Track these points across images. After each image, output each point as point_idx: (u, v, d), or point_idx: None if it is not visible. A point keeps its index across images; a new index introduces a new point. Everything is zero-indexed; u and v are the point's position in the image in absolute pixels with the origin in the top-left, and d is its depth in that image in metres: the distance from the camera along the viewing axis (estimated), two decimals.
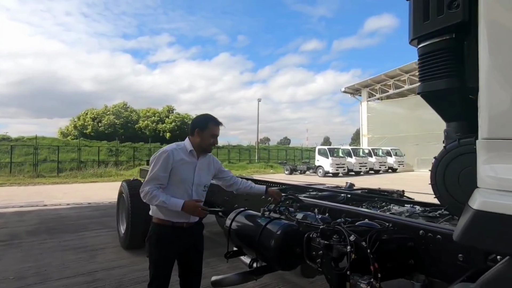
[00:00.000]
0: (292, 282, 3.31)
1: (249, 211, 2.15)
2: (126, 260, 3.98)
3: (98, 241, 4.92)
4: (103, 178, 19.65)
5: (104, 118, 35.43)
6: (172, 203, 1.86)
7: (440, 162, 1.11)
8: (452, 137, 1.14)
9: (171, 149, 1.97)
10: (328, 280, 1.54)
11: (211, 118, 2.07)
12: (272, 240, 1.72)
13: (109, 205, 8.84)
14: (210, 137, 2.02)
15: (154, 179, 1.90)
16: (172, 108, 41.01)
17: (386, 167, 24.04)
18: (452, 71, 1.04)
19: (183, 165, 1.96)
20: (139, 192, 1.94)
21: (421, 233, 1.57)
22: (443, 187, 1.10)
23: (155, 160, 1.94)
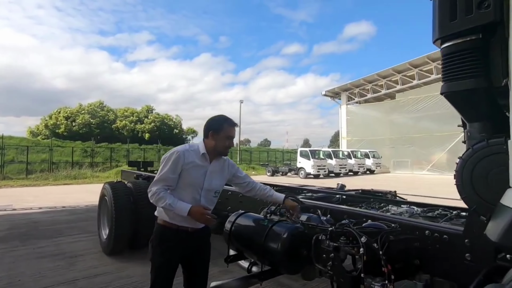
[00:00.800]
0: (285, 285, 3.27)
1: (250, 214, 2.09)
2: (110, 267, 3.76)
3: (76, 247, 4.63)
4: (77, 180, 18.72)
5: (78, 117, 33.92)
6: (179, 207, 1.78)
7: (467, 162, 1.11)
8: (476, 137, 1.15)
9: (183, 150, 1.88)
10: (339, 283, 1.51)
11: (226, 119, 1.96)
12: (279, 243, 1.67)
13: (86, 208, 8.42)
14: (225, 139, 1.92)
15: (163, 180, 1.83)
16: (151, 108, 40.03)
17: (364, 169, 24.74)
18: (479, 71, 1.05)
19: (193, 168, 1.87)
20: (148, 190, 1.87)
21: (427, 233, 1.58)
22: (470, 187, 1.10)
23: (165, 160, 1.86)
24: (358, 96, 30.45)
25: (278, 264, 1.74)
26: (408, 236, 1.59)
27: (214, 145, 1.90)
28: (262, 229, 1.81)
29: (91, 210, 7.83)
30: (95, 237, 4.95)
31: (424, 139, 25.49)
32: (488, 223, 0.96)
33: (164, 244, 1.86)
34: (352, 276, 1.39)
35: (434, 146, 24.68)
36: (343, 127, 31.56)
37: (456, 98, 1.18)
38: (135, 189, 4.34)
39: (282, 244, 1.66)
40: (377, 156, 26.20)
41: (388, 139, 28.74)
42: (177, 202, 1.79)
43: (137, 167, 6.71)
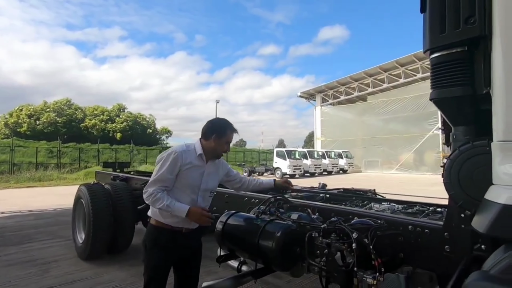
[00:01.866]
0: (270, 283, 3.33)
1: (241, 213, 2.12)
2: (88, 272, 3.61)
3: (48, 253, 4.38)
4: (42, 182, 17.59)
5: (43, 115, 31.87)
6: (177, 208, 1.77)
7: (455, 162, 1.22)
8: (461, 139, 1.27)
9: (181, 150, 1.87)
10: (332, 277, 1.58)
11: (229, 125, 2.00)
12: (273, 241, 1.72)
13: (55, 212, 7.97)
14: (225, 144, 1.96)
15: (160, 181, 1.81)
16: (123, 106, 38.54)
17: (337, 169, 25.55)
18: (464, 80, 1.17)
19: (191, 169, 1.87)
20: (144, 191, 1.84)
21: (410, 228, 1.70)
22: (457, 185, 1.21)
23: (163, 161, 1.84)
24: (332, 98, 31.40)
25: (272, 262, 1.79)
26: (393, 231, 1.70)
27: (213, 147, 1.92)
28: (255, 228, 1.85)
29: (61, 214, 7.42)
30: (68, 242, 4.72)
31: (393, 140, 26.82)
32: (474, 217, 1.07)
33: (158, 245, 1.84)
34: (345, 270, 1.47)
35: (402, 146, 26.05)
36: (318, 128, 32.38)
37: (444, 104, 1.30)
38: (114, 191, 4.20)
39: (276, 243, 1.71)
40: (349, 156, 27.17)
41: (360, 140, 29.92)
42: (175, 203, 1.77)
43: (113, 168, 6.46)
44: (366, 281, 1.41)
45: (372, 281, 1.39)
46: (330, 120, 31.73)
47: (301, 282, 3.34)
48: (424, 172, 23.38)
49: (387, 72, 26.56)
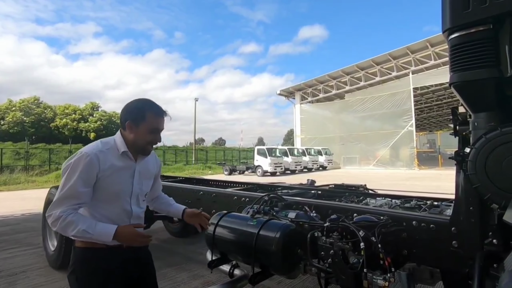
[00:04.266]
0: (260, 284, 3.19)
1: (234, 213, 1.96)
2: (60, 283, 3.30)
3: (15, 263, 3.99)
4: (8, 186, 16.42)
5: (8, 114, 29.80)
6: (99, 232, 1.30)
7: (481, 151, 1.14)
8: (483, 127, 1.19)
9: (95, 151, 1.37)
10: (339, 279, 1.47)
11: (151, 105, 1.45)
12: (272, 243, 1.58)
13: (22, 218, 7.38)
14: (148, 132, 1.42)
15: (69, 198, 1.31)
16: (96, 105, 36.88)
17: (317, 165, 25.90)
18: (489, 61, 1.09)
19: (116, 173, 1.40)
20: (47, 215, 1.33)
21: (414, 223, 1.63)
22: (484, 176, 1.13)
23: (70, 169, 1.34)
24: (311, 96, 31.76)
25: (272, 266, 1.65)
26: (397, 227, 1.62)
27: (132, 140, 1.43)
28: (251, 229, 1.70)
29: (29, 220, 6.89)
30: (37, 250, 4.34)
31: (370, 137, 27.59)
32: (507, 210, 0.99)
33: (93, 272, 1.37)
34: (354, 272, 1.36)
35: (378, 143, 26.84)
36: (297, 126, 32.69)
37: (466, 88, 1.22)
38: None
39: (275, 245, 1.58)
40: (329, 153, 27.65)
41: (338, 137, 30.53)
42: (96, 225, 1.31)
43: None
44: (376, 282, 1.31)
45: (384, 283, 1.29)
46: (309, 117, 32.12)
47: (291, 282, 3.24)
48: (400, 168, 24.25)
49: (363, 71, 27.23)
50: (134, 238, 1.36)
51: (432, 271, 1.81)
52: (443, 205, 2.10)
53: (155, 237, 5.35)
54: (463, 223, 1.43)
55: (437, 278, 1.83)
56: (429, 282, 1.87)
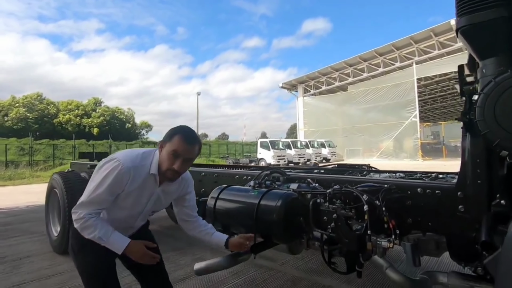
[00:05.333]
0: (263, 266, 3.19)
1: (234, 186, 1.94)
2: (64, 266, 3.32)
3: (19, 249, 4.02)
4: (13, 181, 16.56)
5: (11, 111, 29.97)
6: (112, 242, 1.35)
7: (489, 96, 1.09)
8: (491, 73, 1.14)
9: (132, 165, 1.36)
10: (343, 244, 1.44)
11: (183, 130, 1.43)
12: (273, 212, 1.55)
13: (26, 209, 7.44)
14: (169, 154, 1.38)
15: (96, 203, 1.35)
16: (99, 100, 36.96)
17: (321, 158, 25.84)
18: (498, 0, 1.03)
19: (135, 193, 1.41)
20: (73, 211, 1.38)
21: (419, 190, 1.59)
22: (493, 121, 1.09)
23: (103, 176, 1.34)
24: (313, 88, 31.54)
25: (273, 234, 1.62)
26: (401, 194, 1.58)
27: (160, 161, 1.42)
28: (252, 199, 1.67)
29: (34, 211, 6.94)
30: (42, 238, 4.37)
31: (373, 128, 27.42)
32: None
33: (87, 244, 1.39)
34: (358, 234, 1.33)
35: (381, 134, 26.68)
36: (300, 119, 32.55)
37: (474, 31, 1.16)
38: None
39: (277, 213, 1.55)
40: (332, 146, 27.55)
41: (341, 129, 30.38)
42: (111, 235, 1.35)
43: (90, 158, 6.07)
44: (381, 244, 1.28)
45: (388, 244, 1.26)
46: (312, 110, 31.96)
47: (295, 263, 3.23)
48: (404, 159, 24.12)
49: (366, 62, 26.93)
50: (142, 256, 1.40)
51: (438, 241, 1.78)
52: (449, 177, 2.06)
53: (158, 224, 5.36)
54: (469, 187, 1.39)
55: (442, 248, 1.80)
56: (435, 253, 1.83)
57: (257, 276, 2.93)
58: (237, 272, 3.02)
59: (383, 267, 1.74)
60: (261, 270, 3.09)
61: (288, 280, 2.83)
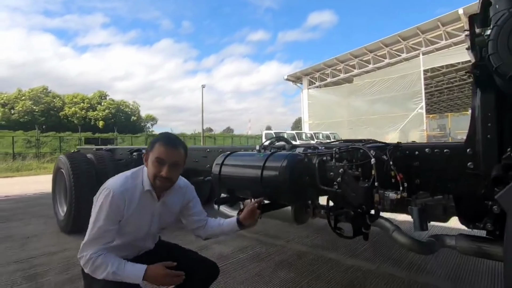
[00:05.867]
0: (269, 243, 3.20)
1: (239, 152, 1.93)
2: (71, 244, 3.36)
3: (28, 229, 4.08)
4: (21, 172, 16.85)
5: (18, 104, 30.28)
6: (128, 274, 1.26)
7: (503, 27, 1.06)
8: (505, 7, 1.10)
9: (121, 189, 1.32)
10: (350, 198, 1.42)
11: (163, 136, 1.41)
12: (279, 171, 1.54)
13: (35, 196, 7.56)
14: (153, 162, 1.33)
15: (99, 238, 1.28)
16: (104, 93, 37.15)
17: None
18: None
19: (136, 214, 1.36)
20: (79, 257, 1.31)
21: (427, 151, 1.57)
22: (507, 53, 1.05)
23: (98, 209, 1.31)
24: (318, 81, 31.29)
25: (280, 195, 1.61)
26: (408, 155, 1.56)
27: (148, 173, 1.38)
28: (257, 161, 1.66)
29: (42, 198, 7.03)
30: (49, 220, 4.43)
31: (379, 120, 27.17)
32: None
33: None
34: (365, 187, 1.31)
35: (387, 126, 26.44)
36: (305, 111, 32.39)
37: None
38: (97, 160, 3.92)
39: (282, 173, 1.53)
40: (337, 138, 27.43)
41: (346, 121, 30.17)
42: (125, 266, 1.27)
43: (95, 144, 6.11)
44: (388, 196, 1.26)
45: (396, 196, 1.24)
46: (317, 102, 31.74)
47: (301, 240, 3.23)
48: None
49: (372, 53, 26.57)
50: (164, 278, 1.29)
51: (445, 205, 1.75)
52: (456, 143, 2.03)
53: None
54: (479, 143, 1.37)
55: (450, 212, 1.78)
56: (442, 218, 1.81)
57: (262, 251, 2.94)
58: (242, 249, 3.04)
59: (389, 230, 1.73)
60: (266, 246, 3.10)
61: (293, 254, 2.84)
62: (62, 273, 2.56)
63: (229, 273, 2.43)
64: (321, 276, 2.33)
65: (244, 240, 3.29)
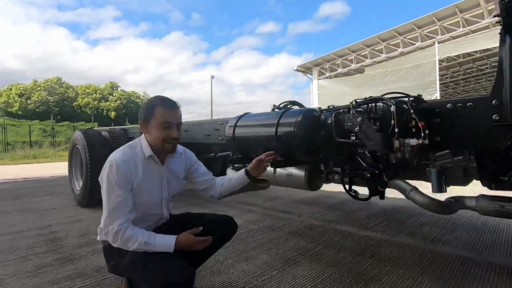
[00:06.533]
0: (280, 217, 3.21)
1: (252, 113, 1.92)
2: (88, 215, 3.47)
3: (46, 204, 4.22)
4: (37, 159, 17.36)
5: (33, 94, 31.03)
6: (159, 244, 1.26)
7: None
8: None
9: (124, 158, 1.33)
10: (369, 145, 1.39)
11: (160, 100, 1.39)
12: (295, 127, 1.53)
13: (52, 179, 7.78)
14: (159, 128, 1.34)
15: (118, 208, 1.27)
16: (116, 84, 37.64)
17: None
18: None
19: (144, 181, 1.36)
20: (104, 233, 1.30)
21: (449, 106, 1.52)
22: None
23: (106, 182, 1.30)
24: (329, 71, 30.81)
25: (295, 151, 1.60)
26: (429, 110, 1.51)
27: (150, 140, 1.38)
28: (271, 119, 1.66)
29: (59, 180, 7.25)
30: (67, 197, 4.56)
31: None
32: None
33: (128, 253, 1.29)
34: (384, 134, 1.29)
35: None
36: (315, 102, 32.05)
37: None
38: (112, 137, 4.00)
39: (298, 127, 1.52)
40: None
41: None
42: (155, 237, 1.27)
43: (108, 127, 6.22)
44: (409, 143, 1.23)
45: (417, 141, 1.21)
46: (327, 93, 31.28)
47: (313, 215, 3.23)
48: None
49: (385, 42, 25.90)
50: (194, 244, 1.31)
51: (466, 166, 1.71)
52: None
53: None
54: (506, 92, 1.32)
55: (471, 175, 1.73)
56: (462, 181, 1.77)
57: (273, 224, 2.96)
58: (252, 221, 3.06)
59: (406, 191, 1.70)
60: (277, 220, 3.12)
61: (304, 226, 2.84)
62: (80, 238, 2.64)
63: (241, 240, 2.46)
64: (333, 244, 2.33)
65: (255, 215, 3.31)
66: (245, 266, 1.96)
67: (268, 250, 2.23)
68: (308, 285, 1.71)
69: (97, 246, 2.26)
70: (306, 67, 32.05)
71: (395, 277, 1.79)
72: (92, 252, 2.28)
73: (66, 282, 1.80)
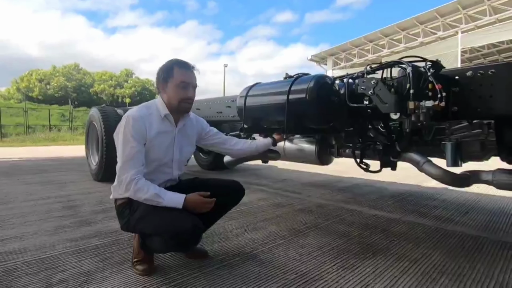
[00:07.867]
0: (289, 196, 3.22)
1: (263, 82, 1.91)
2: (104, 187, 3.59)
3: (65, 178, 4.39)
4: (56, 142, 17.98)
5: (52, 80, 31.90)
6: (169, 199, 1.30)
7: None
8: None
9: (140, 114, 1.37)
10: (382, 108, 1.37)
11: (177, 61, 1.44)
12: (307, 93, 1.52)
13: (70, 158, 8.04)
14: (177, 88, 1.40)
15: (133, 159, 1.31)
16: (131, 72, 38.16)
17: None
18: None
19: (158, 139, 1.41)
20: (117, 184, 1.36)
21: (469, 74, 1.46)
22: None
23: (122, 135, 1.34)
24: (344, 61, 30.11)
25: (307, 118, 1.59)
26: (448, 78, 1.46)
27: (168, 100, 1.44)
28: (283, 87, 1.65)
29: (76, 159, 7.51)
30: (84, 173, 4.73)
31: None
32: None
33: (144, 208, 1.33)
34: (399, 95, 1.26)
35: None
36: None
37: None
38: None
39: (310, 93, 1.51)
40: None
41: None
42: (166, 192, 1.32)
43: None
44: (424, 104, 1.20)
45: (433, 103, 1.18)
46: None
47: (322, 196, 3.23)
48: None
49: (404, 31, 25.00)
50: (201, 205, 1.34)
51: (483, 142, 1.66)
52: None
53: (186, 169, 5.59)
54: None
55: (488, 150, 1.68)
56: (479, 156, 1.72)
57: (282, 201, 2.98)
58: (262, 199, 3.09)
59: (419, 163, 1.67)
60: (287, 198, 3.13)
61: (314, 205, 2.85)
62: (96, 205, 2.75)
63: (250, 214, 2.49)
64: (342, 220, 2.33)
65: (264, 193, 3.34)
66: (253, 235, 2.00)
67: (277, 223, 2.25)
68: (315, 253, 1.72)
69: (112, 213, 2.34)
70: (320, 57, 31.39)
71: (404, 250, 1.78)
72: (107, 218, 2.37)
73: (82, 240, 1.89)
